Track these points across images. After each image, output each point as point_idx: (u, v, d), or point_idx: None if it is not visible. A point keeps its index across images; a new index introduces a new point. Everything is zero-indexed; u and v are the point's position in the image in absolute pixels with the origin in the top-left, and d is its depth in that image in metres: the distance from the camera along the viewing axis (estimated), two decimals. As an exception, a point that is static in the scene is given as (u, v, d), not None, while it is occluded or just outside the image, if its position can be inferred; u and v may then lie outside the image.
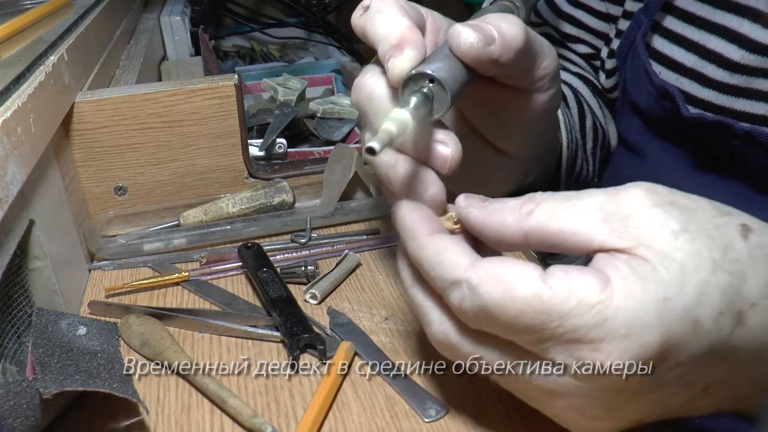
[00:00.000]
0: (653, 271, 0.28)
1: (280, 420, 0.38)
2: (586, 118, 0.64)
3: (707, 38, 0.49)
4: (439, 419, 0.38)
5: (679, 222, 0.29)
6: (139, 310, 0.46)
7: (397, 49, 0.36)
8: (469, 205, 0.34)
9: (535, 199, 0.32)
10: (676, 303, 0.28)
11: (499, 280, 0.29)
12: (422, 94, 0.34)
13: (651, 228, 0.29)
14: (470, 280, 0.30)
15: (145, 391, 0.41)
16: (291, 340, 0.42)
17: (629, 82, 0.57)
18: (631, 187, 0.31)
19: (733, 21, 0.48)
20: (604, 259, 0.30)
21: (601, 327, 0.28)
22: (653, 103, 0.54)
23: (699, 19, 0.50)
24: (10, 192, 0.36)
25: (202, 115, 0.57)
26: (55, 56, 0.50)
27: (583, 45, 0.67)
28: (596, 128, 0.65)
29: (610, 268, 0.29)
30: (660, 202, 0.30)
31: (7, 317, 0.41)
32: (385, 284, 0.50)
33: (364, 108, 0.39)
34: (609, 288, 0.28)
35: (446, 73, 0.35)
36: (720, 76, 0.49)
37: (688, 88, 0.51)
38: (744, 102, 0.48)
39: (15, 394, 0.32)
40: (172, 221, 0.58)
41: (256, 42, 1.25)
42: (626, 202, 0.30)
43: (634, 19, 0.55)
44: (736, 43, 0.47)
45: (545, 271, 0.29)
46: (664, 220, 0.29)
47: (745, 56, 0.47)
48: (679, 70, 0.52)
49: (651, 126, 0.57)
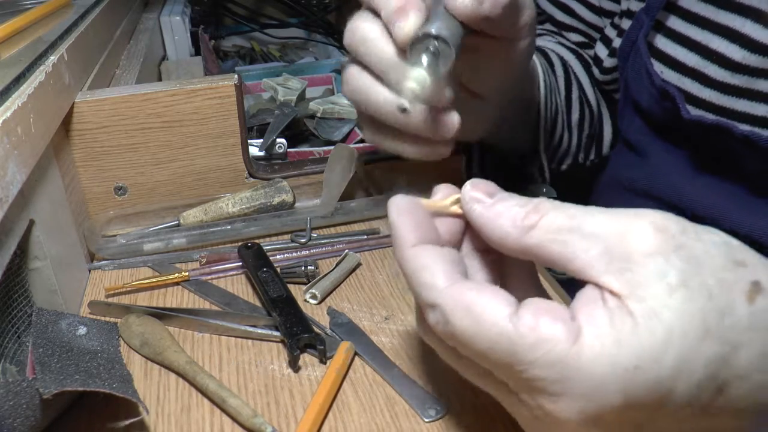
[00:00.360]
0: (633, 331, 0.26)
1: (280, 420, 0.38)
2: (572, 88, 0.65)
3: (710, 38, 0.49)
4: (439, 419, 0.38)
5: (679, 275, 0.27)
6: (139, 310, 0.46)
7: (402, 12, 0.39)
8: (474, 199, 0.32)
9: (540, 209, 0.30)
10: (648, 374, 0.26)
11: (470, 311, 0.28)
12: (431, 52, 0.39)
13: (647, 278, 0.27)
14: (443, 307, 0.29)
15: (145, 391, 0.41)
16: (291, 340, 0.42)
17: (631, 81, 0.57)
18: (640, 220, 0.28)
19: (735, 21, 0.48)
20: (590, 299, 0.28)
21: (563, 383, 0.27)
22: (654, 103, 0.54)
23: (702, 19, 0.50)
24: (10, 192, 0.36)
25: (202, 115, 0.57)
26: (55, 56, 0.50)
27: (576, 34, 0.68)
28: (582, 101, 0.66)
29: (587, 317, 0.27)
30: (665, 248, 0.27)
31: (7, 317, 0.41)
32: (385, 284, 0.50)
33: (358, 50, 0.42)
34: (578, 344, 0.26)
35: (449, 32, 0.39)
36: (721, 77, 0.49)
37: (689, 88, 0.51)
38: (745, 103, 0.48)
39: (15, 394, 0.32)
40: (172, 221, 0.58)
41: (256, 42, 1.25)
42: (631, 240, 0.28)
43: (636, 18, 0.55)
44: (738, 43, 0.47)
45: (517, 309, 0.28)
46: (663, 270, 0.27)
47: (746, 56, 0.47)
48: (681, 69, 0.52)
49: (652, 126, 0.57)
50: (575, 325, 0.27)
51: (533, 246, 0.30)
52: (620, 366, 0.26)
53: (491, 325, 0.28)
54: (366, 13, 0.43)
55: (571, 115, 0.65)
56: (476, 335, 0.28)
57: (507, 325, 0.27)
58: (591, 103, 0.67)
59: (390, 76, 0.41)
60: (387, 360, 0.42)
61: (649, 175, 0.57)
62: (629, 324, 0.26)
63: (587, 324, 0.27)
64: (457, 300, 0.29)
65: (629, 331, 0.26)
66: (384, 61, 0.41)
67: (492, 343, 0.28)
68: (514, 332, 0.27)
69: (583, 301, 0.28)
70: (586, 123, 0.66)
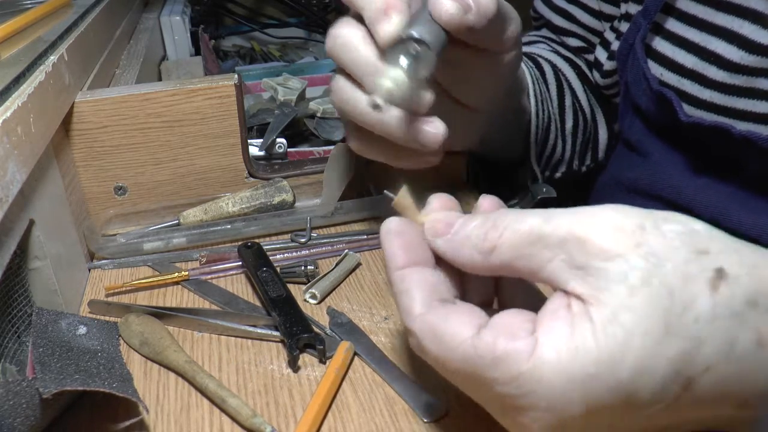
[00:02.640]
0: (592, 338, 0.26)
1: (280, 420, 0.38)
2: (565, 96, 0.65)
3: (708, 40, 0.50)
4: (438, 419, 0.38)
5: (640, 275, 0.27)
6: (139, 310, 0.46)
7: (384, 14, 0.39)
8: (435, 235, 0.33)
9: (498, 226, 0.30)
10: (608, 379, 0.26)
11: (437, 336, 0.30)
12: (411, 55, 0.39)
13: (608, 281, 0.27)
14: (416, 333, 0.31)
15: (144, 390, 0.41)
16: (290, 339, 0.42)
17: (630, 84, 0.57)
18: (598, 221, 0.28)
19: (734, 23, 0.48)
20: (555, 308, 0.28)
21: (524, 398, 0.27)
22: (652, 105, 0.54)
23: (699, 20, 0.50)
24: (10, 192, 0.36)
25: (202, 115, 0.57)
26: (55, 56, 0.50)
27: (574, 38, 0.68)
28: (576, 108, 0.66)
29: (547, 328, 0.28)
30: (624, 248, 0.27)
31: (7, 317, 0.41)
32: (385, 284, 0.50)
33: (340, 56, 0.43)
34: (534, 358, 0.27)
35: (431, 36, 0.39)
36: (721, 77, 0.49)
37: (689, 89, 0.51)
38: (745, 101, 0.48)
39: (15, 394, 0.32)
40: (172, 220, 0.58)
41: (256, 42, 1.25)
42: (591, 243, 0.28)
43: (633, 22, 0.55)
44: (735, 44, 0.47)
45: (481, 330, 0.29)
46: (624, 272, 0.27)
47: (744, 57, 0.47)
48: (681, 71, 0.52)
49: (652, 127, 0.57)
50: (532, 339, 0.27)
51: (500, 266, 0.30)
52: (577, 375, 0.26)
53: (454, 348, 0.29)
54: (348, 19, 0.43)
55: (565, 123, 0.65)
56: (444, 358, 0.30)
57: (468, 348, 0.28)
58: (585, 110, 0.67)
59: (369, 80, 0.41)
60: (387, 360, 0.42)
61: (650, 175, 0.57)
62: (588, 330, 0.27)
63: (545, 336, 0.27)
64: (427, 326, 0.30)
65: (587, 338, 0.26)
66: (364, 65, 0.41)
67: (458, 364, 0.29)
68: (474, 353, 0.28)
69: (547, 312, 0.29)
70: (579, 130, 0.66)
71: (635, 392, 0.26)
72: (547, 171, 0.66)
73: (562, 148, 0.65)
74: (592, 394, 0.26)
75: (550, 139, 0.64)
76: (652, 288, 0.26)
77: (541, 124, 0.62)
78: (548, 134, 0.63)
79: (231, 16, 1.29)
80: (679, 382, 0.26)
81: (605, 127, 0.69)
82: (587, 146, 0.68)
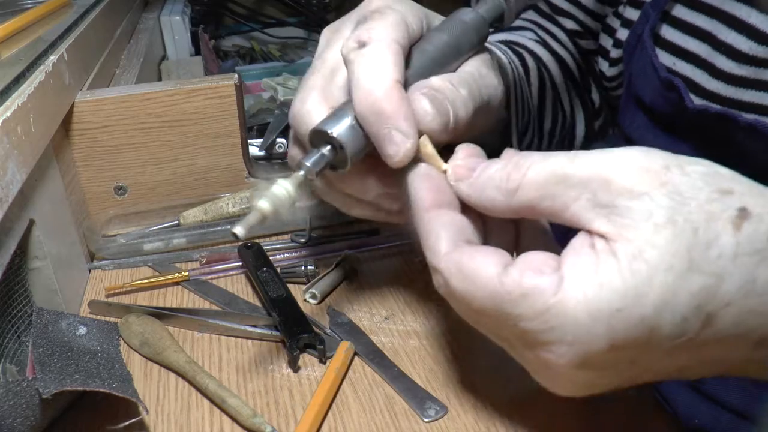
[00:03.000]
0: (617, 274, 0.27)
1: (280, 420, 0.38)
2: (546, 97, 0.65)
3: (718, 28, 0.49)
4: (438, 419, 0.38)
5: (665, 213, 0.27)
6: (139, 310, 0.46)
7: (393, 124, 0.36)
8: (458, 179, 0.34)
9: (520, 166, 0.31)
10: (632, 313, 0.27)
11: (463, 274, 0.30)
12: (322, 155, 0.36)
13: (634, 219, 0.28)
14: (442, 272, 0.31)
15: (144, 390, 0.41)
16: (291, 339, 0.42)
17: (635, 76, 0.57)
18: (624, 161, 0.29)
19: (741, 11, 0.47)
20: (580, 245, 0.29)
21: (550, 333, 0.28)
22: (658, 96, 0.54)
23: (708, 7, 0.50)
24: (10, 192, 0.36)
25: (202, 114, 0.57)
26: (55, 56, 0.50)
27: (571, 20, 0.67)
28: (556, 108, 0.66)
29: (572, 265, 0.28)
30: (650, 187, 0.28)
31: (7, 317, 0.41)
32: (385, 284, 0.50)
33: (298, 130, 0.41)
34: (560, 293, 0.27)
35: (349, 137, 0.36)
36: (729, 67, 0.48)
37: (699, 79, 0.51)
38: (753, 93, 0.48)
39: (15, 394, 0.32)
40: (172, 221, 0.58)
41: (256, 42, 1.25)
42: (617, 182, 0.28)
43: (643, 12, 0.55)
44: (744, 33, 0.47)
45: (507, 267, 0.29)
46: (649, 210, 0.27)
47: (753, 47, 0.46)
48: (692, 60, 0.51)
49: (657, 121, 0.57)
50: (558, 275, 0.28)
51: (523, 206, 0.31)
52: (603, 310, 0.27)
53: (482, 285, 0.29)
54: (315, 97, 0.40)
55: (543, 123, 0.65)
56: (470, 296, 0.30)
57: (495, 284, 0.29)
58: (565, 109, 0.67)
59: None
60: (387, 360, 0.42)
61: None
62: (613, 267, 0.27)
63: (571, 272, 0.28)
64: (453, 263, 0.31)
65: (612, 274, 0.27)
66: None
67: (484, 301, 0.29)
68: (501, 289, 0.29)
69: (572, 249, 0.29)
70: (557, 129, 0.66)
71: (658, 327, 0.27)
72: None
73: (538, 145, 0.65)
74: (617, 329, 0.27)
75: (526, 138, 0.63)
76: (677, 225, 0.27)
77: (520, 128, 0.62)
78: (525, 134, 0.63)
79: (231, 16, 1.29)
80: (700, 317, 0.27)
81: (583, 124, 0.69)
82: (563, 144, 0.68)
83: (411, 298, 0.48)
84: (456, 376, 0.41)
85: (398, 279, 0.51)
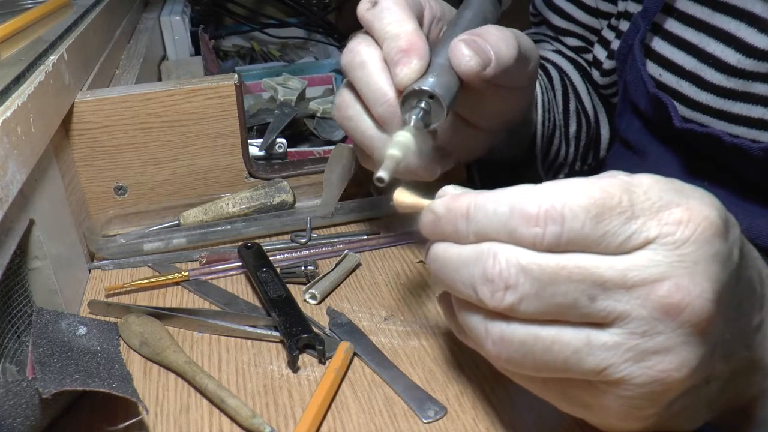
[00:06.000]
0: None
1: (279, 420, 0.38)
2: (570, 101, 0.65)
3: (706, 41, 0.50)
4: (437, 420, 0.38)
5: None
6: (138, 310, 0.46)
7: (406, 56, 0.40)
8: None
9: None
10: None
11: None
12: (421, 109, 0.40)
13: None
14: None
15: (144, 390, 0.41)
16: (290, 340, 0.42)
17: (630, 84, 0.57)
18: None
19: (730, 24, 0.48)
20: None
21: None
22: (650, 109, 0.54)
23: (697, 21, 0.50)
24: (10, 192, 0.36)
25: (202, 114, 0.57)
26: (55, 56, 0.50)
27: (573, 38, 0.68)
28: (579, 112, 0.66)
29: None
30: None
31: (7, 317, 0.41)
32: (385, 284, 0.50)
33: (354, 73, 0.43)
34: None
35: (444, 90, 0.40)
36: (717, 80, 0.49)
37: (687, 91, 0.51)
38: (741, 105, 0.48)
39: (15, 394, 0.32)
40: (172, 221, 0.58)
41: (256, 42, 1.25)
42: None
43: (632, 23, 0.55)
44: (733, 47, 0.47)
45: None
46: None
47: (741, 60, 0.47)
48: (679, 72, 0.52)
49: (650, 128, 0.57)
50: None
51: None
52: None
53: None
54: (368, 38, 0.43)
55: (569, 128, 0.65)
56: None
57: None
58: (588, 113, 0.67)
59: (378, 109, 0.42)
60: (386, 360, 0.42)
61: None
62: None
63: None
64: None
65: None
66: (375, 92, 0.42)
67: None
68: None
69: None
70: (583, 133, 0.67)
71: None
72: (551, 173, 0.67)
73: (566, 151, 0.66)
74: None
75: (554, 144, 0.64)
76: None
77: (547, 132, 0.62)
78: (552, 140, 0.64)
79: (231, 16, 1.29)
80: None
81: (608, 126, 0.69)
82: (589, 147, 0.69)
83: (411, 299, 0.48)
84: (455, 377, 0.41)
85: (398, 279, 0.51)
